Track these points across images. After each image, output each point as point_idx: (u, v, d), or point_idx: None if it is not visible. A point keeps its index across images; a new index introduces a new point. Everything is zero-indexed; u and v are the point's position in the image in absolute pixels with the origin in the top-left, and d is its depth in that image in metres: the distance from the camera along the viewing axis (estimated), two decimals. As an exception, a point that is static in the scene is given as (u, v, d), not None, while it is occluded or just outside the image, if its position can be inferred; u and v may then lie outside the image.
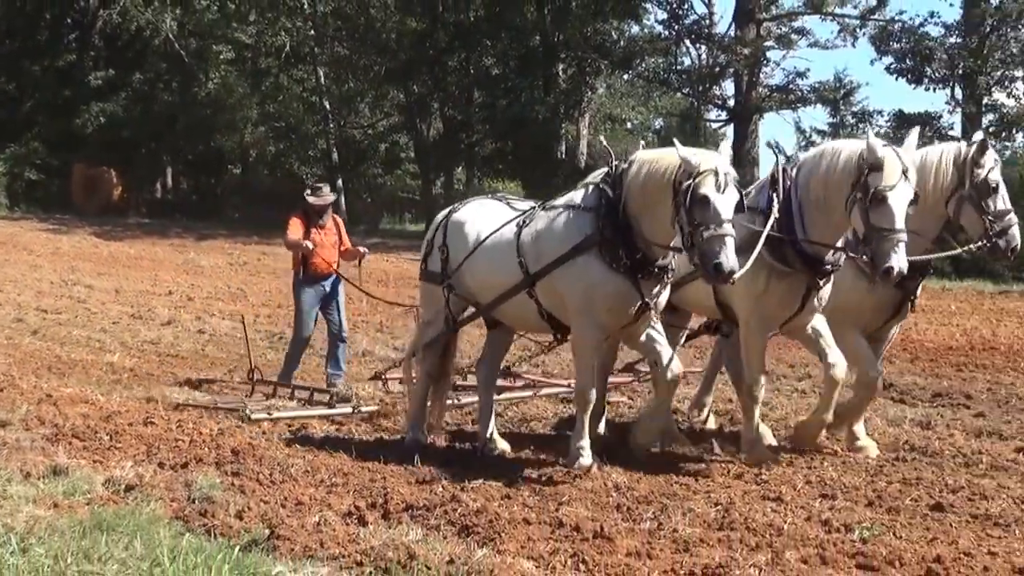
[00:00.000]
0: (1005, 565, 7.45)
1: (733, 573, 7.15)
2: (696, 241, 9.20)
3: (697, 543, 7.93)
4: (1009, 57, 44.01)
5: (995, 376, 15.47)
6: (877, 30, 45.56)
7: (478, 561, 7.29)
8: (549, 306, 10.44)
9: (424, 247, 11.71)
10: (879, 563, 7.45)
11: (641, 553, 7.66)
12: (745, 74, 46.51)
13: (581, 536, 8.05)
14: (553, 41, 48.50)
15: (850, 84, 46.45)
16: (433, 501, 8.92)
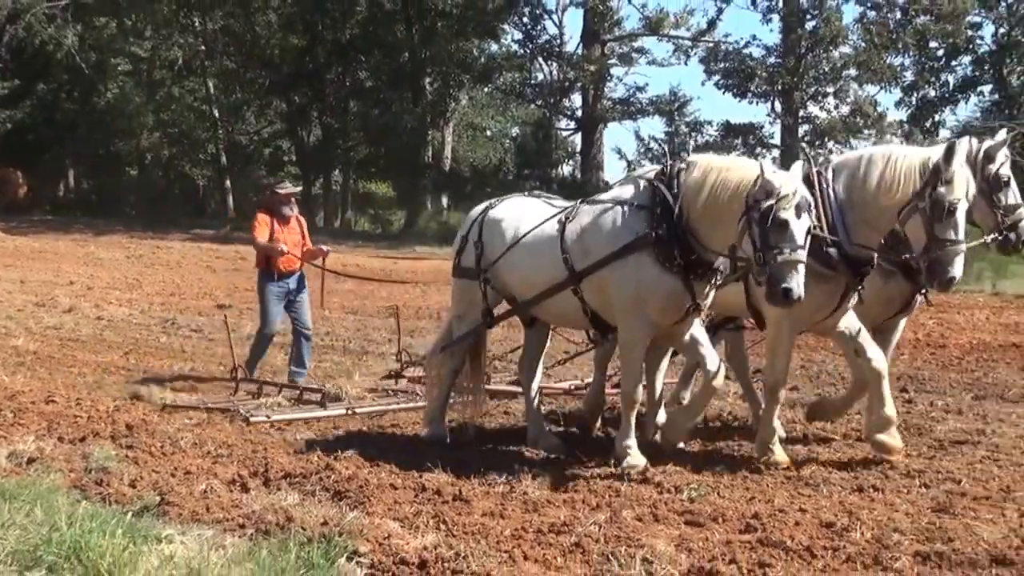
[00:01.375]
0: (813, 520, 7.56)
1: (576, 530, 7.18)
2: (768, 262, 8.28)
3: (544, 504, 7.99)
4: (821, 75, 45.14)
5: (808, 355, 15.65)
6: (707, 51, 46.21)
7: (349, 522, 7.25)
8: (594, 304, 9.38)
9: (457, 243, 10.68)
10: (704, 519, 7.53)
11: (495, 513, 7.70)
12: (591, 88, 46.87)
13: (442, 499, 8.08)
14: (421, 57, 48.53)
15: (683, 98, 47.15)
16: (309, 469, 8.88)
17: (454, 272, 10.69)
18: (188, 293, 24.30)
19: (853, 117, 45.95)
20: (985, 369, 14.70)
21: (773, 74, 44.38)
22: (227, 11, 51.23)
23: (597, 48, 46.42)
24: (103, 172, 59.48)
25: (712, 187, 8.73)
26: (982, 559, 6.63)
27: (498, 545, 6.92)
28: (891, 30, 47.19)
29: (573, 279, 9.32)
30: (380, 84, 51.09)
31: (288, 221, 13.39)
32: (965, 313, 20.64)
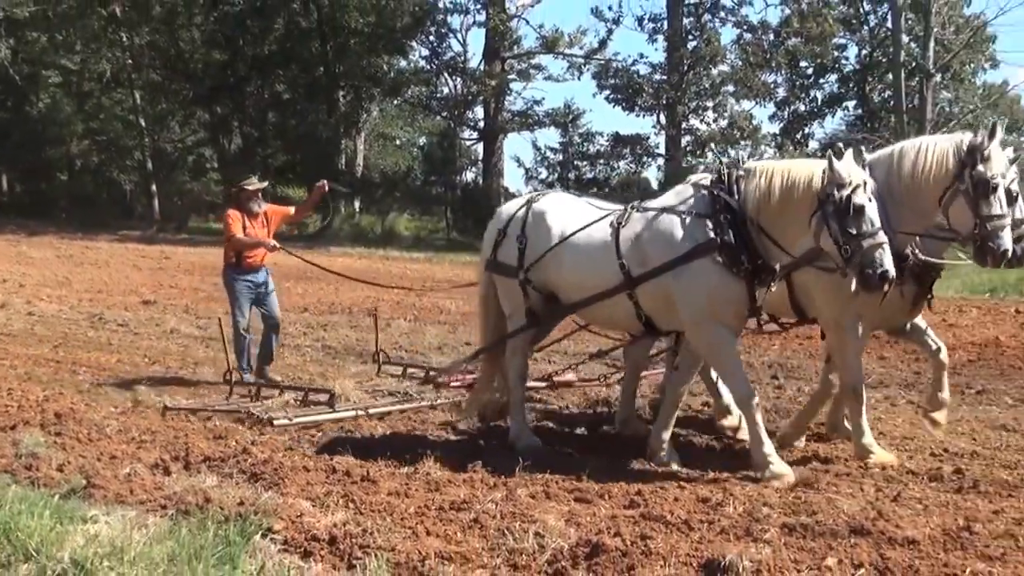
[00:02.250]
0: (692, 496, 7.66)
1: (475, 507, 7.20)
2: (855, 251, 7.85)
3: (446, 483, 8.01)
4: (702, 91, 45.63)
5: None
6: (598, 67, 46.45)
7: (264, 502, 7.24)
8: (650, 309, 8.72)
9: (493, 237, 9.73)
10: (592, 496, 7.60)
11: (400, 492, 7.70)
12: (492, 101, 46.89)
13: (351, 480, 8.07)
14: (335, 72, 48.36)
15: (577, 111, 47.29)
16: (227, 453, 8.84)
17: (488, 267, 9.81)
18: (115, 290, 23.93)
19: (731, 129, 46.49)
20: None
21: (658, 89, 44.78)
22: (153, 27, 50.57)
23: (498, 64, 46.49)
24: (35, 177, 58.38)
25: (781, 190, 8.25)
26: (842, 529, 6.75)
27: (403, 522, 6.92)
28: (765, 50, 47.78)
29: (629, 284, 8.66)
30: (297, 96, 50.70)
31: (256, 216, 12.83)
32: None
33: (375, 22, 46.30)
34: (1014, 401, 11.90)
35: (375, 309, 13.78)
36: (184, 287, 24.67)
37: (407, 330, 17.40)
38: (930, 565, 6.10)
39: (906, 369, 14.09)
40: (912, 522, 6.98)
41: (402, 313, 19.78)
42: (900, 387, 12.71)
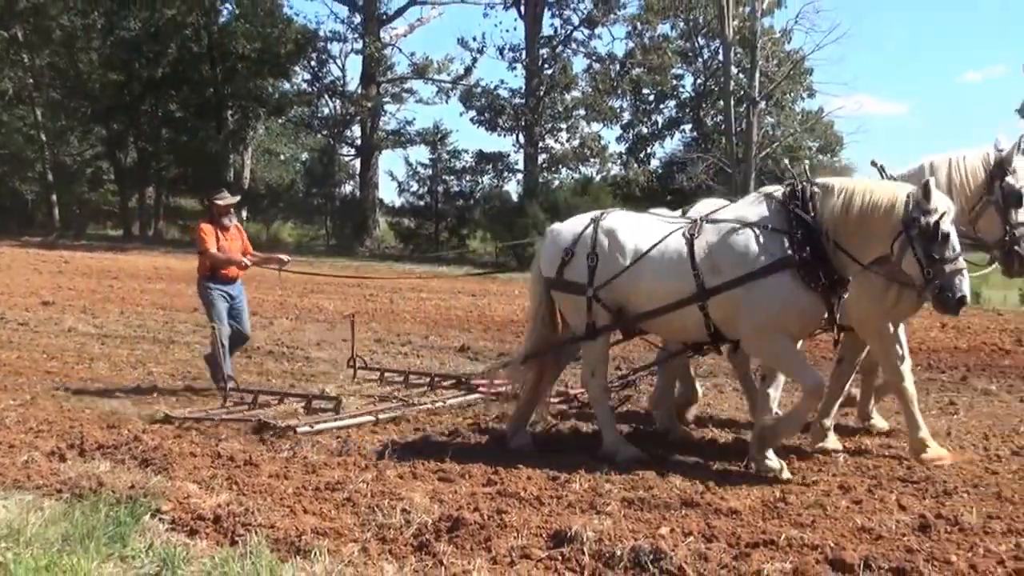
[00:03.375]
0: (543, 475, 7.68)
1: (348, 487, 7.15)
2: (938, 274, 7.46)
3: (322, 466, 7.92)
4: (556, 114, 45.98)
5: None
6: (464, 91, 46.53)
7: (153, 485, 7.13)
8: (719, 319, 8.09)
9: (558, 255, 8.71)
10: (455, 476, 7.59)
11: (280, 475, 7.60)
12: (368, 121, 46.74)
13: (235, 464, 7.94)
14: (224, 93, 47.76)
15: (445, 130, 47.21)
16: (120, 441, 8.62)
17: (554, 286, 8.81)
18: (16, 292, 23.22)
19: (581, 148, 46.95)
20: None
21: (518, 112, 45.05)
22: (53, 49, 49.35)
23: (373, 88, 46.37)
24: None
25: (861, 210, 7.74)
26: (675, 502, 6.86)
27: (282, 501, 6.85)
28: (612, 79, 48.36)
29: (702, 295, 8.02)
30: (188, 115, 49.99)
31: (228, 229, 11.88)
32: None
33: (261, 48, 45.84)
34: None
35: (352, 315, 13.08)
36: (82, 289, 24.11)
37: (289, 328, 17.22)
38: (750, 531, 6.22)
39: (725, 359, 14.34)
40: (735, 495, 7.14)
41: (284, 313, 19.56)
42: (728, 376, 12.94)
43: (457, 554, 5.78)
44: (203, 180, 47.50)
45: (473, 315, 19.30)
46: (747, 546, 5.94)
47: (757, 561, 5.63)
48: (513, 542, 5.96)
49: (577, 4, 46.75)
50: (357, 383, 11.74)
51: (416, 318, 18.95)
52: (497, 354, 14.45)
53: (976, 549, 5.97)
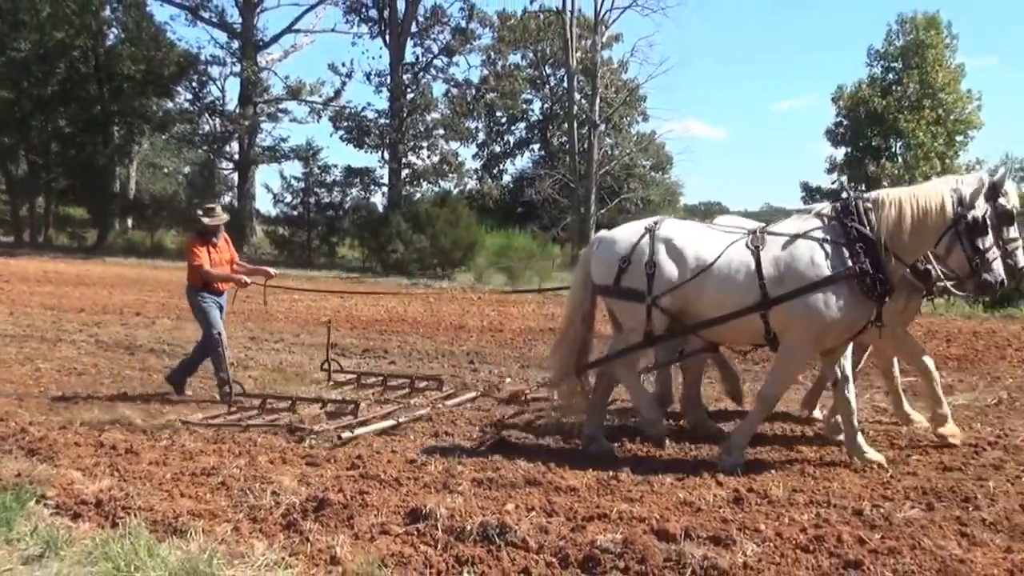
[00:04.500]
0: (402, 458, 7.65)
1: (222, 472, 7.01)
2: (983, 262, 7.56)
3: (198, 454, 7.77)
4: (418, 133, 45.83)
5: (404, 338, 15.86)
6: (334, 112, 46.11)
7: (39, 473, 6.90)
8: (777, 325, 7.75)
9: (614, 264, 8.16)
10: (321, 461, 7.51)
11: (159, 462, 7.43)
12: (246, 138, 45.94)
13: (116, 452, 7.72)
14: (110, 110, 46.33)
15: (316, 147, 46.59)
16: (7, 433, 8.31)
17: (611, 293, 8.27)
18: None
19: (441, 165, 46.90)
20: (530, 346, 15.28)
21: (383, 131, 44.77)
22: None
23: (251, 108, 45.60)
24: None
25: (913, 216, 7.68)
26: (519, 481, 6.90)
27: (160, 486, 6.69)
28: (468, 102, 48.45)
29: (766, 304, 7.69)
30: (76, 130, 48.27)
31: (217, 245, 11.00)
32: (518, 307, 21.38)
33: (146, 69, 44.70)
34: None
35: (329, 320, 12.70)
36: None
37: (170, 327, 16.78)
38: (586, 506, 6.30)
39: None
40: (574, 474, 7.22)
41: (167, 313, 19.05)
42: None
43: (322, 531, 5.72)
44: (91, 191, 46.23)
45: (341, 315, 19.10)
46: (583, 519, 6.01)
47: (592, 532, 5.70)
48: (373, 519, 5.93)
49: (437, 35, 46.75)
50: (332, 385, 11.34)
51: (288, 318, 18.68)
52: (362, 350, 14.34)
53: (782, 518, 6.16)
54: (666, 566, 5.19)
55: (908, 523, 6.08)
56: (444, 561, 5.27)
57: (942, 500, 6.70)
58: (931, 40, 40.57)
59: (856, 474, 7.49)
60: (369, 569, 5.09)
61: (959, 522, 6.15)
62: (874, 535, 5.78)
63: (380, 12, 46.19)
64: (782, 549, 5.51)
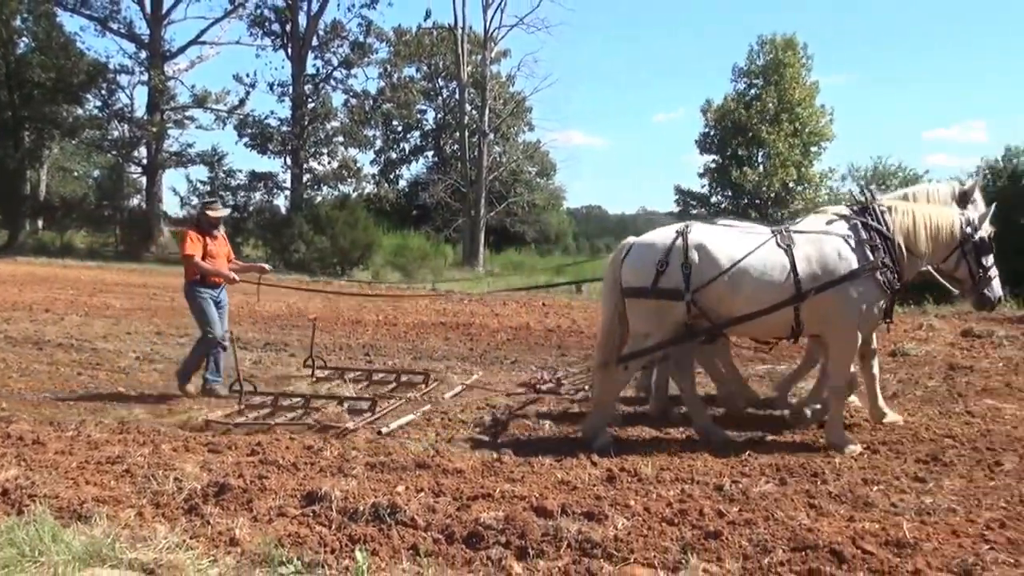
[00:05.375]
0: (300, 445, 7.53)
1: (127, 460, 6.78)
2: (984, 279, 8.18)
3: (104, 443, 7.50)
4: (319, 140, 45.38)
5: (304, 332, 15.62)
6: (239, 120, 45.25)
7: (-56, 465, 6.59)
8: (806, 317, 7.88)
9: (653, 266, 7.99)
10: (223, 448, 7.32)
11: (65, 451, 7.15)
12: (153, 144, 44.79)
13: (24, 443, 7.40)
14: (21, 116, 44.56)
15: (221, 152, 45.72)
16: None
17: (647, 294, 8.05)
18: None
19: (340, 170, 46.46)
20: (422, 339, 15.23)
21: (285, 138, 44.12)
22: None
23: (158, 115, 44.45)
24: None
25: (926, 226, 8.11)
26: (410, 465, 6.85)
27: (66, 474, 6.44)
28: (366, 112, 48.06)
29: (798, 298, 7.77)
30: (-13, 136, 46.60)
31: (216, 238, 10.53)
32: (412, 303, 21.28)
33: (56, 77, 43.10)
34: (537, 368, 12.47)
35: (315, 318, 12.38)
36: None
37: (78, 323, 16.26)
38: (472, 487, 6.29)
39: (461, 347, 14.52)
40: (461, 457, 7.19)
41: (75, 310, 18.46)
42: (458, 359, 13.08)
43: (223, 514, 5.59)
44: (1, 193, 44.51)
45: (244, 311, 18.72)
46: (469, 499, 5.99)
47: (476, 511, 5.69)
48: (272, 503, 5.82)
49: (336, 48, 46.33)
50: (313, 381, 10.90)
51: (195, 314, 18.26)
52: (264, 343, 14.09)
53: (650, 494, 6.23)
54: (544, 540, 5.22)
55: (763, 497, 6.23)
56: (338, 540, 5.20)
57: (794, 475, 6.89)
58: (788, 60, 41.71)
59: (718, 453, 7.65)
60: (266, 549, 5.00)
61: (808, 495, 6.33)
62: (732, 508, 5.91)
63: (282, 26, 45.61)
64: (649, 522, 5.58)
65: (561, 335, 16.45)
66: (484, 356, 13.49)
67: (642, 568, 4.87)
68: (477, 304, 14.86)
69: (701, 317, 8.02)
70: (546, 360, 13.25)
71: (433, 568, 4.86)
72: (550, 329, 17.22)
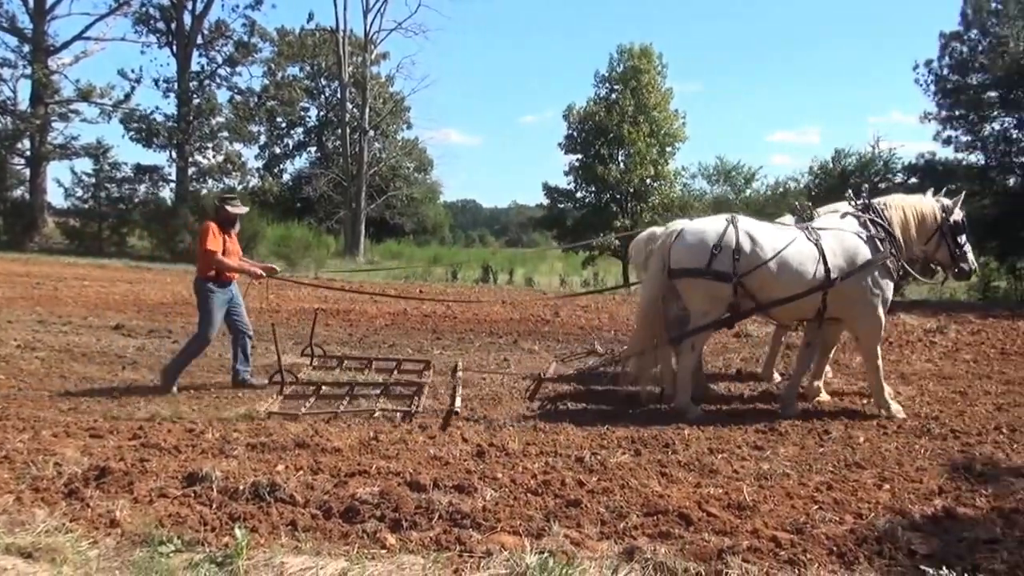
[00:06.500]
0: (183, 428, 7.30)
1: (5, 447, 6.41)
2: (962, 255, 9.10)
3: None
4: (204, 135, 44.18)
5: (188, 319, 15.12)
6: (124, 114, 43.57)
7: None
8: (831, 301, 8.42)
9: (707, 250, 8.30)
10: (104, 433, 7.01)
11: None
12: (38, 136, 42.74)
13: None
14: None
15: (107, 145, 43.72)
16: None
17: (702, 275, 8.34)
18: None
19: (225, 164, 45.18)
20: (303, 325, 14.96)
21: (171, 133, 42.69)
22: None
23: (42, 108, 42.34)
24: None
25: (916, 219, 8.95)
26: (289, 444, 6.73)
27: (-58, 463, 6.11)
28: (251, 108, 46.96)
29: (828, 284, 8.31)
30: None
31: (233, 235, 9.79)
32: (295, 290, 20.91)
33: (-65, 70, 40.87)
34: (413, 351, 12.44)
35: (316, 311, 12.04)
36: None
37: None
38: (349, 464, 6.22)
39: (341, 333, 14.33)
40: (339, 436, 7.09)
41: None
42: (338, 344, 12.90)
43: (103, 497, 5.37)
44: None
45: (129, 299, 18.11)
46: (346, 476, 5.93)
47: (353, 487, 5.64)
48: (153, 484, 5.63)
49: (221, 47, 45.00)
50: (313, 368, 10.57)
51: (78, 302, 17.46)
52: (148, 330, 13.59)
53: (517, 467, 6.28)
54: (417, 512, 5.19)
55: (620, 467, 6.35)
56: (218, 518, 5.07)
57: (648, 447, 7.03)
58: (645, 67, 42.44)
59: (579, 428, 7.75)
60: (147, 529, 4.83)
61: (660, 464, 6.48)
62: (592, 478, 6.00)
63: (167, 24, 44.08)
64: (515, 493, 5.62)
65: (436, 320, 16.41)
66: (362, 341, 13.34)
67: (508, 536, 4.90)
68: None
69: (745, 298, 8.46)
70: (421, 344, 13.19)
71: (311, 542, 4.78)
72: (426, 315, 17.16)
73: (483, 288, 27.47)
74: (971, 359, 12.48)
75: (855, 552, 4.78)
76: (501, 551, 4.64)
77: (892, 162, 31.68)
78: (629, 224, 40.67)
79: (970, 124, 29.79)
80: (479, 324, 15.97)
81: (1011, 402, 9.35)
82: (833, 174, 31.23)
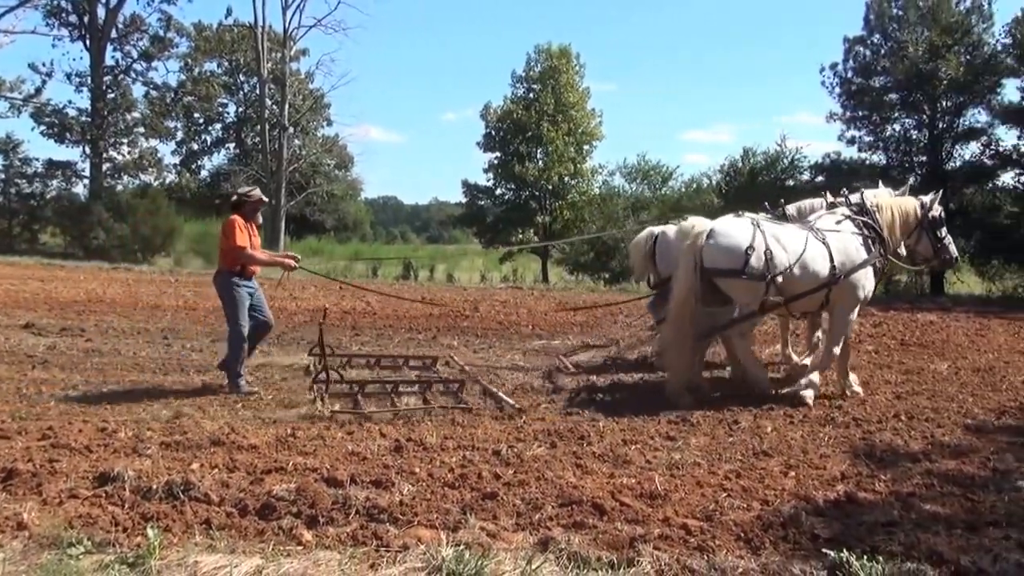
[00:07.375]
0: (93, 427, 7.09)
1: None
2: (943, 246, 9.99)
3: None
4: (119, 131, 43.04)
5: (101, 317, 14.77)
6: (35, 108, 42.20)
7: None
8: (833, 295, 9.13)
9: (742, 253, 8.68)
10: (12, 434, 6.74)
11: None
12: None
13: None
14: None
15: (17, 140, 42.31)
16: None
17: (740, 275, 8.73)
18: None
19: (141, 160, 44.16)
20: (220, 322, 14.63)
21: (84, 128, 41.48)
22: None
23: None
24: None
25: (901, 217, 9.75)
26: (205, 442, 6.59)
27: None
28: (167, 104, 45.96)
29: (834, 281, 9.01)
30: None
31: (253, 227, 9.37)
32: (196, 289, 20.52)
33: None
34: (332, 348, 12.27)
35: (325, 309, 11.73)
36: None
37: None
38: (265, 461, 6.13)
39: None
40: (256, 434, 6.98)
41: None
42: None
43: (10, 499, 5.19)
44: None
45: (40, 297, 17.55)
46: (262, 473, 5.84)
47: (269, 483, 5.56)
48: (63, 485, 5.46)
49: (136, 41, 43.88)
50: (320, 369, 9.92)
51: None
52: (60, 328, 13.17)
53: (434, 462, 6.26)
54: (334, 508, 5.14)
55: (535, 459, 6.37)
56: (131, 519, 4.93)
57: (563, 439, 7.07)
58: (563, 67, 42.74)
59: (497, 422, 7.77)
60: (56, 531, 4.68)
61: (575, 456, 6.53)
62: (508, 471, 6.01)
63: (80, 17, 42.73)
64: (433, 487, 5.60)
65: (355, 316, 16.28)
66: (281, 337, 13.13)
67: (425, 529, 4.88)
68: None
69: (773, 294, 9.00)
70: (340, 340, 13.06)
71: (225, 541, 4.69)
72: (346, 311, 17.00)
73: (405, 285, 27.31)
74: (872, 350, 12.91)
75: (761, 537, 4.88)
76: (417, 545, 4.61)
77: (799, 161, 32.49)
78: (548, 221, 40.92)
79: (873, 125, 30.76)
80: (398, 320, 15.88)
81: (909, 391, 9.69)
82: (743, 172, 31.86)
